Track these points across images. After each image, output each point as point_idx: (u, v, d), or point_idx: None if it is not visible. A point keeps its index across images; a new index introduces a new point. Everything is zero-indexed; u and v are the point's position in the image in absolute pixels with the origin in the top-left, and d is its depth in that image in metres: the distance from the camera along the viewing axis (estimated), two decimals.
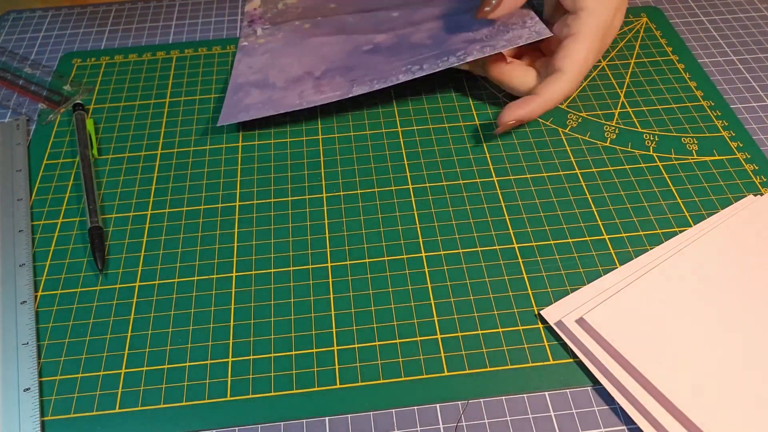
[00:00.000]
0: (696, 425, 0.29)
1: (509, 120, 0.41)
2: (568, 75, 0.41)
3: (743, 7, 0.55)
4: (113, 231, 0.39)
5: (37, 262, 0.38)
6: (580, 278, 0.36)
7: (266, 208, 0.40)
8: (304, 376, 0.32)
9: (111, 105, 0.47)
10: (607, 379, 0.32)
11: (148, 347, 0.34)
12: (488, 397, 0.32)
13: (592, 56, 0.41)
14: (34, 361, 0.33)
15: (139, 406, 0.32)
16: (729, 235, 0.37)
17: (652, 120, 0.45)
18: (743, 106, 0.46)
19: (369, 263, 0.37)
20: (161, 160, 0.43)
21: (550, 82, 0.41)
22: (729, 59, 0.50)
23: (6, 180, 0.42)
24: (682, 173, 0.41)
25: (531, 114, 0.41)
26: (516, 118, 0.41)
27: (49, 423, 0.31)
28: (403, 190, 0.41)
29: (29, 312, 0.35)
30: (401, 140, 0.44)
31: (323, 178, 0.42)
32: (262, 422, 0.31)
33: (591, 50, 0.41)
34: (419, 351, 0.33)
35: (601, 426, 0.31)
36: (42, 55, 0.51)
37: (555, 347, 0.33)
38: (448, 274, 0.36)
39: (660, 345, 0.32)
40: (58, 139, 0.44)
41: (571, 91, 0.41)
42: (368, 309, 0.35)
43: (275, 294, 0.36)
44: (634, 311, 0.33)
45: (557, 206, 0.40)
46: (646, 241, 0.38)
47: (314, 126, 0.45)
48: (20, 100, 0.47)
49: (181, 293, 0.36)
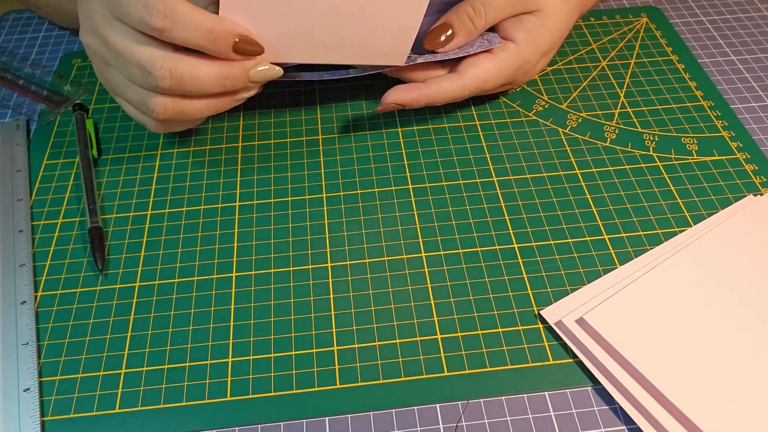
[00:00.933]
0: (696, 425, 0.29)
1: (391, 102, 0.40)
2: (464, 83, 0.40)
3: (743, 7, 0.55)
4: (113, 231, 0.39)
5: (37, 262, 0.38)
6: (580, 278, 0.36)
7: (266, 208, 0.40)
8: (304, 376, 0.32)
9: (111, 105, 0.47)
10: (607, 379, 0.32)
11: (148, 347, 0.34)
12: (488, 397, 0.32)
13: (494, 83, 0.41)
14: (34, 361, 0.33)
15: (139, 406, 0.32)
16: (729, 235, 0.37)
17: (652, 120, 0.45)
18: (743, 106, 0.46)
19: (369, 263, 0.37)
20: (161, 160, 0.43)
21: (444, 80, 0.41)
22: (729, 59, 0.50)
23: (6, 180, 0.42)
24: (682, 173, 0.41)
25: (413, 102, 0.40)
26: (398, 101, 0.40)
27: (49, 423, 0.31)
28: (403, 190, 0.41)
29: (29, 312, 0.35)
30: (401, 140, 0.44)
31: (323, 178, 0.42)
32: (262, 422, 0.31)
33: (497, 77, 0.41)
34: (419, 351, 0.33)
35: (601, 426, 0.31)
36: (42, 55, 0.51)
37: (555, 347, 0.33)
38: (448, 274, 0.36)
39: (660, 345, 0.32)
40: (58, 139, 0.44)
41: (458, 98, 0.41)
42: (368, 309, 0.35)
43: (275, 294, 0.36)
44: (634, 311, 0.33)
45: (557, 206, 0.40)
46: (646, 241, 0.38)
47: (314, 126, 0.45)
48: (20, 100, 0.47)
49: (181, 293, 0.36)
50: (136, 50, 0.33)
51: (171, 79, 0.33)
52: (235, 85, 0.35)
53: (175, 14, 0.32)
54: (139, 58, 0.33)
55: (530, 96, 0.47)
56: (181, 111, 0.36)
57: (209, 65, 0.34)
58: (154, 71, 0.33)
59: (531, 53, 0.42)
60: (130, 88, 0.36)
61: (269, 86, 0.48)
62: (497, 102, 0.46)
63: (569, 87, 0.47)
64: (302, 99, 0.47)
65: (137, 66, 0.34)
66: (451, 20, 0.41)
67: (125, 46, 0.34)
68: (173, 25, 0.32)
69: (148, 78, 0.34)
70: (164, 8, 0.32)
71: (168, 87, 0.34)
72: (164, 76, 0.33)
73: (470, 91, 0.41)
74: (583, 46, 0.51)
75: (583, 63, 0.49)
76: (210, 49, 0.34)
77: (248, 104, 0.46)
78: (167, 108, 0.35)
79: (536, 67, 0.44)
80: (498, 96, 0.47)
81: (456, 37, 0.41)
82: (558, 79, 0.48)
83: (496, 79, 0.41)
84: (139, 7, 0.32)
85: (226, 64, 0.34)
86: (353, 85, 0.48)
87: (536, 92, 0.47)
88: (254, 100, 0.47)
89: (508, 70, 0.41)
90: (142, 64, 0.33)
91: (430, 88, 0.40)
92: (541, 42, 0.42)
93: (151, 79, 0.33)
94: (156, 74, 0.33)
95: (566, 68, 0.49)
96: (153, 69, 0.33)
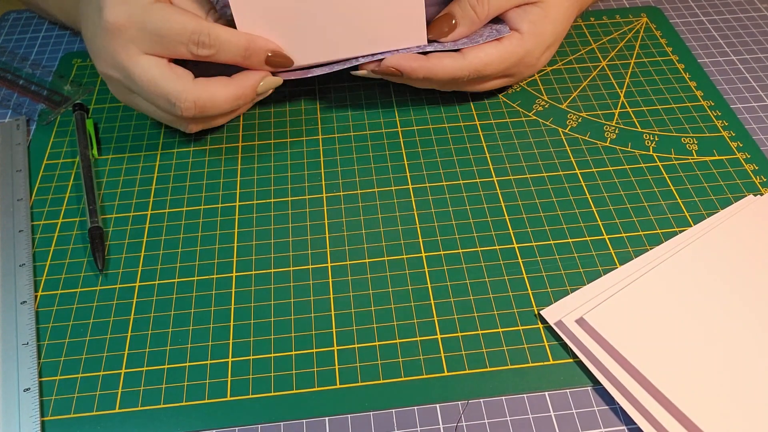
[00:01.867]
0: (696, 425, 0.29)
1: (390, 66, 0.40)
2: (465, 63, 0.40)
3: (743, 7, 0.55)
4: (113, 231, 0.39)
5: (37, 262, 0.38)
6: (580, 278, 0.36)
7: (266, 208, 0.40)
8: (304, 376, 0.32)
9: (111, 105, 0.47)
10: (607, 379, 0.32)
11: (148, 347, 0.34)
12: (488, 397, 0.32)
13: (495, 68, 0.41)
14: (34, 361, 0.33)
15: (139, 406, 0.32)
16: (729, 235, 0.37)
17: (652, 120, 0.45)
18: (743, 106, 0.46)
19: (369, 263, 0.37)
20: (161, 160, 0.43)
21: (446, 57, 0.41)
22: (729, 59, 0.50)
23: (6, 180, 0.42)
24: (682, 173, 0.41)
25: (412, 71, 0.40)
26: (397, 66, 0.40)
27: (49, 423, 0.31)
28: (403, 190, 0.41)
29: (29, 312, 0.35)
30: (401, 140, 0.44)
31: (323, 178, 0.42)
32: (262, 422, 0.31)
33: (499, 63, 0.41)
34: (419, 351, 0.33)
35: (601, 426, 0.31)
36: (42, 55, 0.51)
37: (555, 347, 0.33)
38: (448, 274, 0.36)
39: (660, 345, 0.32)
40: (58, 139, 0.44)
41: (457, 77, 0.41)
42: (368, 309, 0.35)
43: (275, 294, 0.36)
44: (634, 311, 0.33)
45: (557, 206, 0.40)
46: (646, 241, 0.38)
47: (314, 126, 0.45)
48: (20, 100, 0.47)
49: (181, 293, 0.36)
50: (160, 84, 0.37)
51: (195, 109, 0.38)
52: (246, 102, 0.40)
53: (218, 41, 0.37)
54: (164, 92, 0.37)
55: (530, 96, 0.47)
56: (207, 123, 0.41)
57: (225, 90, 0.38)
58: (179, 103, 0.37)
59: (534, 44, 0.42)
60: (156, 112, 0.40)
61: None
62: (497, 102, 0.46)
63: (569, 87, 0.47)
64: (302, 99, 0.47)
65: (163, 98, 0.37)
66: (453, 10, 0.41)
67: (150, 79, 0.37)
68: (217, 52, 0.37)
69: (173, 108, 0.38)
70: (208, 39, 0.37)
71: (192, 115, 0.38)
72: (189, 108, 0.37)
73: (470, 71, 0.41)
74: (583, 46, 0.51)
75: (583, 63, 0.49)
76: (244, 64, 0.39)
77: None
78: (197, 125, 0.41)
79: (540, 61, 0.43)
80: (498, 96, 0.47)
81: (459, 27, 0.41)
82: (558, 79, 0.48)
83: (498, 64, 0.41)
84: (184, 41, 0.36)
85: (239, 84, 0.39)
86: (353, 84, 0.48)
87: (536, 92, 0.47)
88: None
89: (512, 58, 0.41)
90: (167, 97, 0.37)
91: (430, 61, 0.40)
92: (545, 33, 0.42)
93: (176, 110, 0.37)
94: (181, 106, 0.37)
95: (566, 68, 0.49)
96: (178, 102, 0.37)
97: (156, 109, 0.39)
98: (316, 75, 0.41)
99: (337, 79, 0.48)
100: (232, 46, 0.37)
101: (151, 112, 0.40)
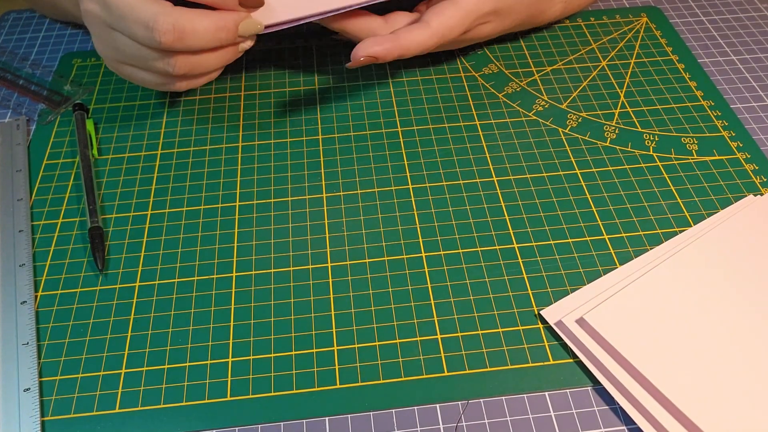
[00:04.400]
0: (696, 425, 0.29)
1: (363, 55, 0.39)
2: (432, 30, 0.40)
3: (743, 7, 0.55)
4: (113, 231, 0.39)
5: (37, 262, 0.38)
6: (580, 278, 0.36)
7: (266, 208, 0.40)
8: (304, 376, 0.32)
9: (111, 105, 0.47)
10: (607, 379, 0.32)
11: (148, 347, 0.34)
12: (488, 397, 0.32)
13: (459, 29, 0.41)
14: (34, 361, 0.33)
15: (139, 406, 0.32)
16: (729, 235, 0.37)
17: (652, 120, 0.45)
18: (743, 106, 0.46)
19: (369, 263, 0.37)
20: (161, 160, 0.43)
21: (413, 30, 0.40)
22: (729, 59, 0.50)
23: (6, 180, 0.42)
24: (682, 173, 0.41)
25: (387, 53, 0.40)
26: (370, 53, 0.39)
27: (49, 423, 0.31)
28: (403, 190, 0.41)
29: (29, 312, 0.35)
30: (401, 140, 0.44)
31: (323, 178, 0.42)
32: (262, 422, 0.31)
33: (462, 21, 0.41)
34: (419, 351, 0.33)
35: (601, 426, 0.31)
36: (42, 55, 0.51)
37: (555, 347, 0.33)
38: (448, 274, 0.36)
39: (660, 345, 0.32)
40: (58, 139, 0.44)
41: (429, 47, 0.41)
42: (368, 309, 0.35)
43: (275, 294, 0.36)
44: (634, 311, 0.33)
45: (557, 206, 0.40)
46: (646, 241, 0.38)
47: (314, 126, 0.45)
48: (20, 100, 0.47)
49: (181, 293, 0.36)
50: (137, 8, 0.35)
51: (173, 32, 0.35)
52: (228, 38, 0.38)
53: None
54: (141, 15, 0.35)
55: (530, 96, 0.47)
56: (192, 64, 0.38)
57: (206, 19, 0.36)
58: (157, 26, 0.35)
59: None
60: (136, 50, 0.37)
61: (269, 86, 0.48)
62: (497, 102, 0.46)
63: (569, 87, 0.47)
64: (302, 99, 0.47)
65: (140, 23, 0.35)
66: None
67: (127, 5, 0.35)
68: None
69: (151, 35, 0.35)
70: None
71: (171, 41, 0.35)
72: (167, 31, 0.35)
73: (439, 37, 0.40)
74: (583, 46, 0.51)
75: (583, 63, 0.49)
76: (219, 3, 0.37)
77: (248, 104, 0.46)
78: (180, 62, 0.37)
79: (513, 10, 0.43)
80: (498, 96, 0.46)
81: None
82: (558, 79, 0.48)
83: (461, 24, 0.41)
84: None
85: (220, 16, 0.37)
86: (353, 84, 0.48)
87: (536, 92, 0.47)
88: (255, 100, 0.47)
89: (471, 15, 0.41)
90: (144, 20, 0.35)
91: (400, 39, 0.40)
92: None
93: (154, 35, 0.35)
94: (159, 29, 0.35)
95: (566, 68, 0.49)
96: (156, 24, 0.35)
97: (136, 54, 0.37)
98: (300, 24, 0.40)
99: (338, 79, 0.48)
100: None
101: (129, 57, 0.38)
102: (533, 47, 0.51)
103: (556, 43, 0.51)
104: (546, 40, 0.51)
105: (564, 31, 0.52)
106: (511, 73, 0.49)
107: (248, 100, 0.47)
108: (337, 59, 0.50)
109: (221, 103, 0.47)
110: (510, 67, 0.49)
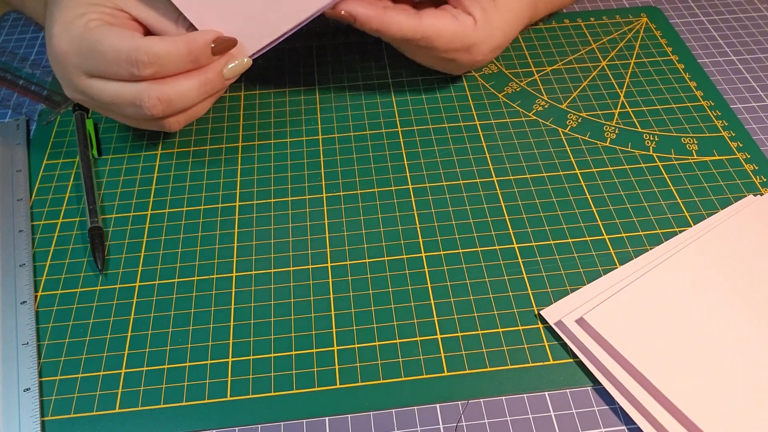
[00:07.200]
0: (696, 425, 0.29)
1: (343, 9, 0.38)
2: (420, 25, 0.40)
3: (743, 7, 0.55)
4: (113, 231, 0.39)
5: (37, 262, 0.38)
6: (580, 278, 0.36)
7: (266, 208, 0.40)
8: (304, 376, 0.32)
9: None
10: (607, 379, 0.32)
11: (148, 347, 0.34)
12: (488, 397, 0.32)
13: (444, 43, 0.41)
14: (34, 361, 0.33)
15: (139, 406, 0.32)
16: (729, 235, 0.37)
17: (652, 120, 0.45)
18: (743, 106, 0.46)
19: (369, 263, 0.37)
20: (161, 161, 0.43)
21: (402, 13, 0.40)
22: (729, 59, 0.50)
23: (6, 180, 0.42)
24: (682, 173, 0.41)
25: (366, 20, 0.39)
26: (351, 12, 0.38)
27: (49, 423, 0.31)
28: (403, 190, 0.41)
29: (29, 312, 0.35)
30: (401, 140, 0.44)
31: (323, 178, 0.42)
32: (262, 422, 0.31)
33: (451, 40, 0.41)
34: (419, 351, 0.33)
35: (601, 426, 0.31)
36: (42, 55, 0.51)
37: (555, 347, 0.33)
38: (448, 274, 0.36)
39: (660, 345, 0.32)
40: (58, 139, 0.44)
41: (407, 37, 0.40)
42: (368, 309, 0.35)
43: (275, 294, 0.36)
44: (634, 311, 0.33)
45: (557, 206, 0.40)
46: (646, 241, 0.38)
47: (314, 126, 0.45)
48: (20, 100, 0.47)
49: (181, 293, 0.36)
50: (121, 94, 0.36)
51: (161, 104, 0.36)
52: (215, 88, 0.38)
53: (158, 57, 0.35)
54: (126, 99, 0.36)
55: (530, 96, 0.47)
56: (187, 115, 0.39)
57: (188, 80, 0.36)
58: (144, 104, 0.36)
59: (486, 36, 0.41)
60: (138, 122, 0.39)
61: (269, 86, 0.48)
62: (497, 102, 0.46)
63: (569, 87, 0.47)
64: (302, 99, 0.47)
65: (128, 106, 0.36)
66: None
67: (110, 94, 0.36)
68: (161, 68, 0.35)
69: (141, 111, 0.36)
70: (147, 58, 0.34)
71: (161, 112, 0.36)
72: (154, 105, 0.36)
73: (421, 35, 0.40)
74: (583, 46, 0.51)
75: (583, 63, 0.49)
76: (195, 67, 0.36)
77: (248, 104, 0.46)
78: (177, 120, 0.38)
79: (485, 57, 0.43)
80: (498, 96, 0.47)
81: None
82: (558, 79, 0.48)
83: (449, 41, 0.41)
84: (124, 65, 0.35)
85: (202, 72, 0.37)
86: (353, 84, 0.48)
87: (536, 92, 0.47)
88: (255, 100, 0.47)
89: (464, 40, 0.41)
90: (132, 102, 0.36)
91: (386, 15, 0.39)
92: (495, 27, 0.42)
93: (144, 111, 0.36)
94: (146, 106, 0.36)
95: (566, 68, 0.49)
96: (142, 103, 0.36)
97: (136, 119, 0.38)
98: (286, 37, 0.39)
99: (338, 78, 0.48)
100: (173, 56, 0.35)
101: (131, 122, 0.40)
102: (533, 47, 0.51)
103: (556, 43, 0.51)
104: (546, 40, 0.51)
105: (564, 31, 0.52)
106: (511, 73, 0.49)
107: (248, 100, 0.47)
108: (337, 59, 0.50)
109: (221, 103, 0.47)
110: (510, 67, 0.49)
